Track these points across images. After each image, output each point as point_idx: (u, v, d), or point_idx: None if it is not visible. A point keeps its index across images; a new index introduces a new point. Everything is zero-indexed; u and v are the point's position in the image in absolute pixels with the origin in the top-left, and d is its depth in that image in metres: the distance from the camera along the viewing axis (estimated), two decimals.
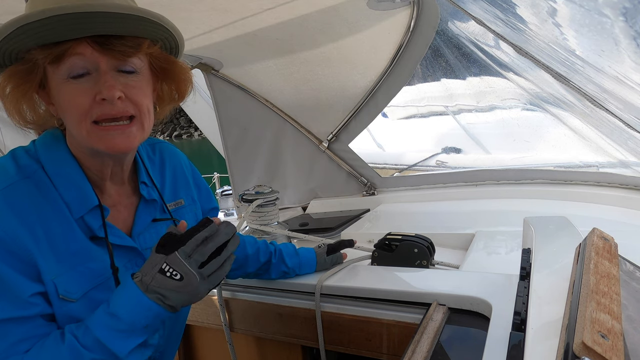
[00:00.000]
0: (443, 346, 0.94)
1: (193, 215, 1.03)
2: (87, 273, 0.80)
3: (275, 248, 1.30)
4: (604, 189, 1.88)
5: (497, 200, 2.06)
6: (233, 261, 0.82)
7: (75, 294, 0.78)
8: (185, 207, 1.01)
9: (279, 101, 2.34)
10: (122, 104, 0.74)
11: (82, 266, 0.79)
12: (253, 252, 1.25)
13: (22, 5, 0.77)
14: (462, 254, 1.55)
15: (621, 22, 1.05)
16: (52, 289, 0.76)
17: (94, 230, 0.81)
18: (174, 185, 1.00)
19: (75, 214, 0.79)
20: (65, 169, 0.80)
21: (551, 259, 0.92)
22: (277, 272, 1.30)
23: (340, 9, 1.67)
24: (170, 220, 0.94)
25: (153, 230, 0.92)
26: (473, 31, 1.84)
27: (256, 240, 1.29)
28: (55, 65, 0.71)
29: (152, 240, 0.90)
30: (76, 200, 0.79)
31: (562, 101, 1.86)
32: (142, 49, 0.75)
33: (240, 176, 2.60)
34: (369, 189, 2.38)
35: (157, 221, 0.93)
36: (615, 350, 0.50)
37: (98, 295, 0.80)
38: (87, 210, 0.80)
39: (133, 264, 0.87)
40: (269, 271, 1.29)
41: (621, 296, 0.62)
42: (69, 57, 0.70)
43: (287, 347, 1.41)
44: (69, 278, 0.77)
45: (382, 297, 1.18)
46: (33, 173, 0.77)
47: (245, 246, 1.23)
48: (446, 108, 2.90)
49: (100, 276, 0.81)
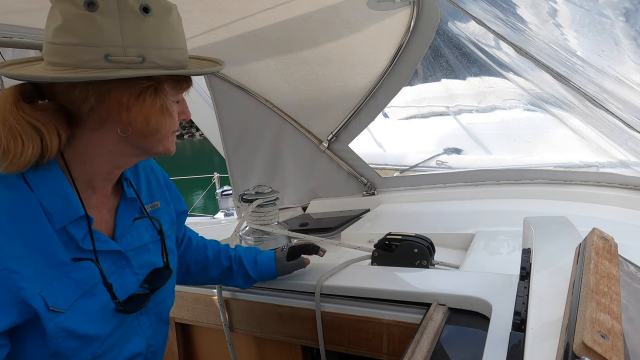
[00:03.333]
0: (443, 346, 0.94)
1: (168, 217, 1.04)
2: (71, 284, 0.78)
3: (236, 254, 1.26)
4: (604, 189, 1.88)
5: (497, 200, 2.06)
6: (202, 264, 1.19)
7: (63, 305, 0.76)
8: (161, 209, 1.02)
9: (279, 101, 2.34)
10: None
11: (65, 277, 0.77)
12: (214, 255, 1.24)
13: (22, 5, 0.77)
14: (462, 254, 1.55)
15: (621, 22, 1.05)
16: (41, 302, 0.73)
17: (78, 240, 0.79)
18: (148, 187, 1.01)
19: (57, 224, 0.77)
20: (48, 177, 0.77)
21: (551, 259, 0.92)
22: (239, 278, 1.26)
23: (340, 8, 1.67)
24: (147, 219, 0.95)
25: (134, 232, 0.92)
26: (473, 31, 1.84)
27: (218, 244, 1.28)
28: (177, 90, 0.84)
29: (133, 242, 0.91)
30: (59, 210, 0.77)
31: (562, 101, 1.86)
32: None
33: (240, 176, 2.60)
34: (369, 189, 2.38)
35: (138, 219, 0.94)
36: (615, 350, 0.50)
37: (86, 303, 0.79)
38: (70, 221, 0.79)
39: (117, 267, 0.87)
40: (232, 277, 1.26)
41: (621, 296, 0.62)
42: (186, 89, 0.86)
43: (287, 347, 1.41)
44: (54, 289, 0.75)
45: (382, 297, 1.18)
46: (11, 184, 0.74)
47: (207, 249, 1.24)
48: (447, 108, 2.91)
49: (84, 284, 0.80)
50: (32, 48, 1.69)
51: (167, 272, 0.95)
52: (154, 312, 0.96)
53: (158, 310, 0.97)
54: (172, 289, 1.02)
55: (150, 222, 0.96)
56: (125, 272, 0.88)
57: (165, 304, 0.99)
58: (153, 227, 0.96)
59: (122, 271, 0.87)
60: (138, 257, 0.91)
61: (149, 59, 0.74)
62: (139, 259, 0.91)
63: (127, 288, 0.87)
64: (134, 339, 0.91)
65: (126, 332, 0.89)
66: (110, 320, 0.83)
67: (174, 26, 0.78)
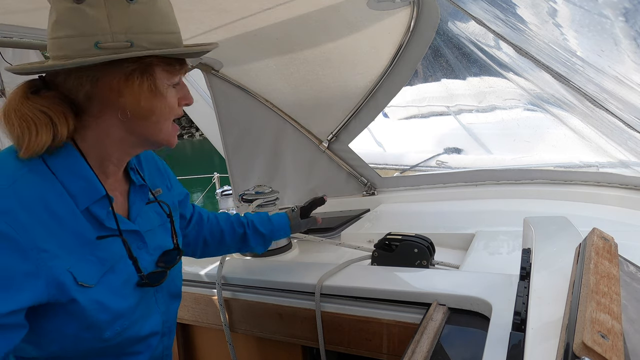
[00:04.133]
0: (443, 346, 0.94)
1: (171, 202, 1.09)
2: (96, 260, 0.84)
3: (247, 219, 1.35)
4: (604, 189, 1.88)
5: (497, 200, 2.06)
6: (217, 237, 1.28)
7: (91, 280, 0.82)
8: (163, 195, 1.07)
9: (279, 101, 2.34)
10: None
11: (91, 255, 0.83)
12: (227, 226, 1.31)
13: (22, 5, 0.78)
14: (462, 254, 1.56)
15: (621, 22, 1.05)
16: (70, 278, 0.78)
17: (102, 219, 0.85)
18: (150, 175, 1.06)
19: (81, 205, 0.82)
20: (68, 162, 0.82)
21: (551, 259, 0.92)
22: (255, 241, 1.34)
23: (340, 8, 1.67)
24: (155, 203, 1.01)
25: (145, 215, 0.98)
26: (473, 31, 1.84)
27: (229, 215, 1.35)
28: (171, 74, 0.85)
29: (145, 224, 0.97)
30: (82, 191, 0.82)
31: (562, 101, 1.86)
32: None
33: (240, 176, 2.60)
34: (369, 189, 2.38)
35: (149, 203, 1.00)
36: (615, 350, 0.50)
37: (111, 279, 0.86)
38: (93, 201, 0.84)
39: (135, 247, 0.92)
40: (247, 242, 1.33)
41: (621, 296, 0.62)
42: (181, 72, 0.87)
43: (287, 347, 1.41)
44: (82, 267, 0.81)
45: (382, 297, 1.18)
46: (35, 167, 0.78)
47: (219, 221, 1.31)
48: (447, 108, 2.91)
49: (107, 262, 0.85)
50: (32, 48, 1.69)
51: (176, 253, 1.01)
52: (167, 290, 1.02)
53: (169, 288, 1.03)
54: (180, 268, 1.08)
55: (157, 206, 1.02)
56: (142, 252, 0.94)
57: (175, 283, 1.06)
58: (161, 210, 1.02)
59: (139, 251, 0.93)
60: (151, 238, 0.97)
61: (137, 43, 0.77)
62: (151, 240, 0.97)
63: (144, 266, 0.93)
64: (153, 315, 0.98)
65: (146, 308, 0.95)
66: (132, 295, 0.90)
67: (161, 11, 0.80)
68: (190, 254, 1.32)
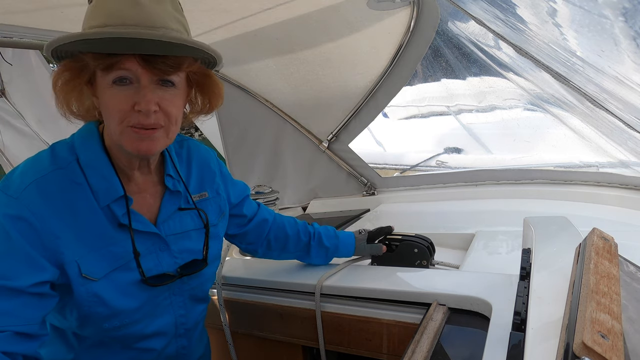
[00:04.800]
0: (443, 346, 0.94)
1: (217, 207, 1.12)
2: (109, 256, 0.89)
3: (314, 229, 1.36)
4: (604, 189, 1.88)
5: (497, 200, 2.06)
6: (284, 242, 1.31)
7: (97, 274, 0.87)
8: (208, 199, 1.09)
9: (279, 101, 2.34)
10: (156, 115, 0.83)
11: (104, 249, 0.88)
12: (293, 233, 1.33)
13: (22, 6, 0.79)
14: (462, 254, 1.56)
15: (621, 22, 1.05)
16: (75, 268, 0.85)
17: (119, 217, 0.90)
18: (199, 178, 1.09)
19: (102, 202, 0.88)
20: (95, 161, 0.89)
21: (551, 259, 0.92)
22: (317, 253, 1.35)
23: (340, 8, 1.67)
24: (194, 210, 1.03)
25: (177, 219, 1.01)
26: (473, 31, 1.84)
27: (296, 221, 1.37)
28: (104, 72, 0.81)
29: (175, 228, 0.99)
30: (103, 190, 0.88)
31: (562, 101, 1.86)
32: (182, 68, 0.85)
33: (240, 176, 2.59)
34: (369, 189, 2.38)
35: (183, 210, 1.02)
36: (615, 350, 0.50)
37: (119, 276, 0.90)
38: (113, 200, 0.89)
39: (156, 249, 0.96)
40: (309, 252, 1.35)
41: (621, 296, 0.62)
42: (117, 69, 0.80)
43: (287, 347, 1.41)
44: (91, 259, 0.87)
45: (382, 297, 1.18)
46: (67, 165, 0.87)
47: (285, 226, 1.33)
48: (447, 108, 2.91)
49: (121, 259, 0.90)
50: (32, 48, 1.69)
51: (202, 264, 1.03)
52: (189, 294, 1.05)
53: (193, 293, 1.06)
54: (210, 275, 1.10)
55: (196, 212, 1.04)
56: (163, 254, 0.97)
57: (202, 288, 1.08)
58: (199, 216, 1.04)
59: (160, 253, 0.96)
60: (178, 242, 1.00)
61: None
62: (179, 245, 1.00)
63: (162, 268, 0.96)
64: (164, 316, 1.01)
65: (156, 309, 0.99)
66: (139, 295, 0.93)
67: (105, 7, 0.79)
68: (252, 253, 1.36)
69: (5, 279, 0.78)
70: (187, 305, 1.05)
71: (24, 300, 0.79)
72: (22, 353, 0.79)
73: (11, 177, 0.84)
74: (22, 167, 0.86)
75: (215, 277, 1.15)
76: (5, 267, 0.79)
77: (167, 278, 0.96)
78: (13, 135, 4.45)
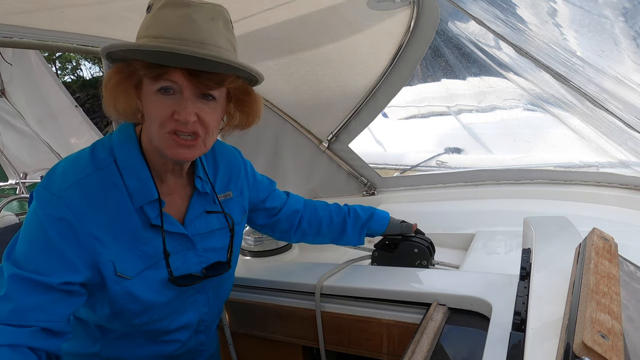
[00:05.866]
0: (443, 346, 0.94)
1: (240, 206, 1.15)
2: (142, 255, 0.93)
3: (348, 206, 1.39)
4: (604, 189, 1.88)
5: (497, 200, 2.06)
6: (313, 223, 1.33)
7: (131, 273, 0.91)
8: (233, 199, 1.13)
9: (279, 101, 2.34)
10: (193, 125, 0.86)
11: (137, 249, 0.92)
12: (326, 214, 1.35)
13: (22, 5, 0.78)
14: (462, 254, 1.56)
15: (621, 22, 1.05)
16: (111, 268, 0.89)
17: (151, 218, 0.93)
18: (225, 179, 1.12)
19: (136, 203, 0.91)
20: (132, 163, 0.92)
21: (551, 259, 0.92)
22: (352, 228, 1.36)
23: (340, 9, 1.67)
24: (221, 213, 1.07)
25: (203, 220, 1.04)
26: (473, 31, 1.84)
27: (327, 204, 1.39)
28: (152, 80, 0.85)
29: (201, 228, 1.03)
30: (139, 192, 0.92)
31: (562, 101, 1.86)
32: (224, 84, 0.89)
33: None
34: (369, 189, 2.38)
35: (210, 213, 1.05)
36: (615, 350, 0.50)
37: (150, 275, 0.94)
38: (147, 202, 0.92)
39: (183, 248, 1.00)
40: (345, 229, 1.36)
41: (621, 296, 0.62)
42: (164, 80, 0.84)
43: (287, 347, 1.41)
44: (126, 259, 0.90)
45: (382, 297, 1.18)
46: (106, 166, 0.90)
47: (317, 210, 1.36)
48: (448, 108, 2.90)
49: (152, 258, 0.94)
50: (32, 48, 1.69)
51: (225, 267, 1.07)
52: (212, 292, 1.09)
53: (215, 290, 1.10)
54: (231, 273, 1.14)
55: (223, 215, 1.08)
56: (190, 253, 1.01)
57: (223, 286, 1.13)
58: (224, 217, 1.08)
59: (187, 252, 1.00)
60: (203, 241, 1.04)
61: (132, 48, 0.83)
62: (203, 243, 1.03)
63: (188, 267, 1.00)
64: (188, 312, 1.05)
65: (182, 305, 1.03)
66: (167, 292, 0.97)
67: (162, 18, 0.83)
68: (286, 240, 1.41)
69: (39, 274, 0.80)
70: (210, 303, 1.10)
71: (54, 297, 0.82)
72: (46, 349, 0.81)
73: (53, 176, 0.87)
74: (63, 166, 0.89)
75: (234, 276, 1.18)
76: (40, 262, 0.81)
77: (194, 279, 1.00)
78: (13, 135, 4.45)
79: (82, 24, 1.44)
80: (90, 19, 1.41)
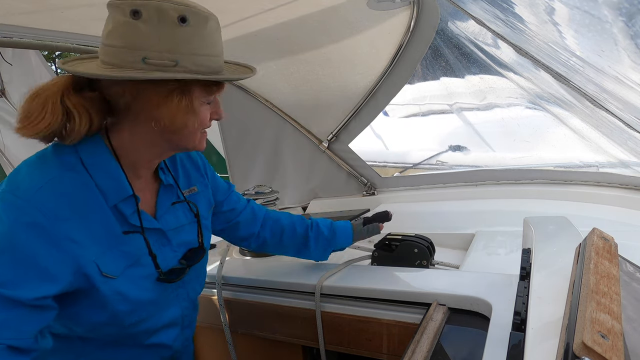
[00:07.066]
0: (443, 346, 0.94)
1: (206, 200, 1.15)
2: (121, 254, 0.91)
3: (311, 220, 1.37)
4: (604, 189, 1.88)
5: (497, 200, 2.06)
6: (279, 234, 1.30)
7: (115, 272, 0.89)
8: (198, 194, 1.12)
9: (279, 101, 2.34)
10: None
11: (116, 249, 0.90)
12: (288, 224, 1.34)
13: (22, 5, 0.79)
14: (462, 254, 1.56)
15: (621, 22, 1.05)
16: (95, 269, 0.85)
17: (127, 216, 0.91)
18: (185, 174, 1.11)
19: (110, 202, 0.89)
20: (101, 161, 0.89)
21: (551, 259, 0.92)
22: (316, 244, 1.34)
23: (340, 9, 1.67)
24: (185, 203, 1.06)
25: (172, 214, 1.03)
26: (473, 31, 1.84)
27: (291, 215, 1.38)
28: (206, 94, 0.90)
29: (172, 222, 1.02)
30: (111, 189, 0.89)
31: (562, 101, 1.86)
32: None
33: (240, 176, 2.60)
34: (369, 189, 2.38)
35: (176, 203, 1.05)
36: (615, 350, 0.50)
37: (134, 272, 0.93)
38: (121, 199, 0.90)
39: (159, 244, 0.98)
40: (307, 244, 1.34)
41: (621, 296, 0.62)
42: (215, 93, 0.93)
43: (287, 347, 1.42)
44: (107, 259, 0.88)
45: (382, 297, 1.18)
46: (73, 166, 0.86)
47: (280, 219, 1.34)
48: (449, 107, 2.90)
49: (133, 255, 0.93)
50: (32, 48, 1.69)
51: (201, 252, 1.06)
52: (191, 285, 1.09)
53: (193, 284, 1.10)
54: (204, 265, 1.14)
55: (187, 205, 1.07)
56: (166, 249, 1.00)
57: (198, 279, 1.13)
58: (190, 210, 1.07)
59: (163, 248, 0.99)
60: (176, 236, 1.03)
61: (181, 63, 0.82)
62: (177, 238, 1.03)
63: (167, 263, 0.99)
64: (172, 308, 1.04)
65: (166, 301, 1.02)
66: (153, 289, 0.96)
67: (209, 35, 0.86)
68: (246, 247, 1.37)
69: (6, 288, 0.75)
70: (190, 296, 1.10)
71: (22, 312, 0.77)
72: None
73: (16, 179, 0.82)
74: (26, 169, 0.85)
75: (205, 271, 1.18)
76: (9, 275, 0.76)
77: (179, 272, 1.00)
78: (13, 135, 4.45)
79: (82, 24, 1.44)
80: (90, 19, 1.41)
